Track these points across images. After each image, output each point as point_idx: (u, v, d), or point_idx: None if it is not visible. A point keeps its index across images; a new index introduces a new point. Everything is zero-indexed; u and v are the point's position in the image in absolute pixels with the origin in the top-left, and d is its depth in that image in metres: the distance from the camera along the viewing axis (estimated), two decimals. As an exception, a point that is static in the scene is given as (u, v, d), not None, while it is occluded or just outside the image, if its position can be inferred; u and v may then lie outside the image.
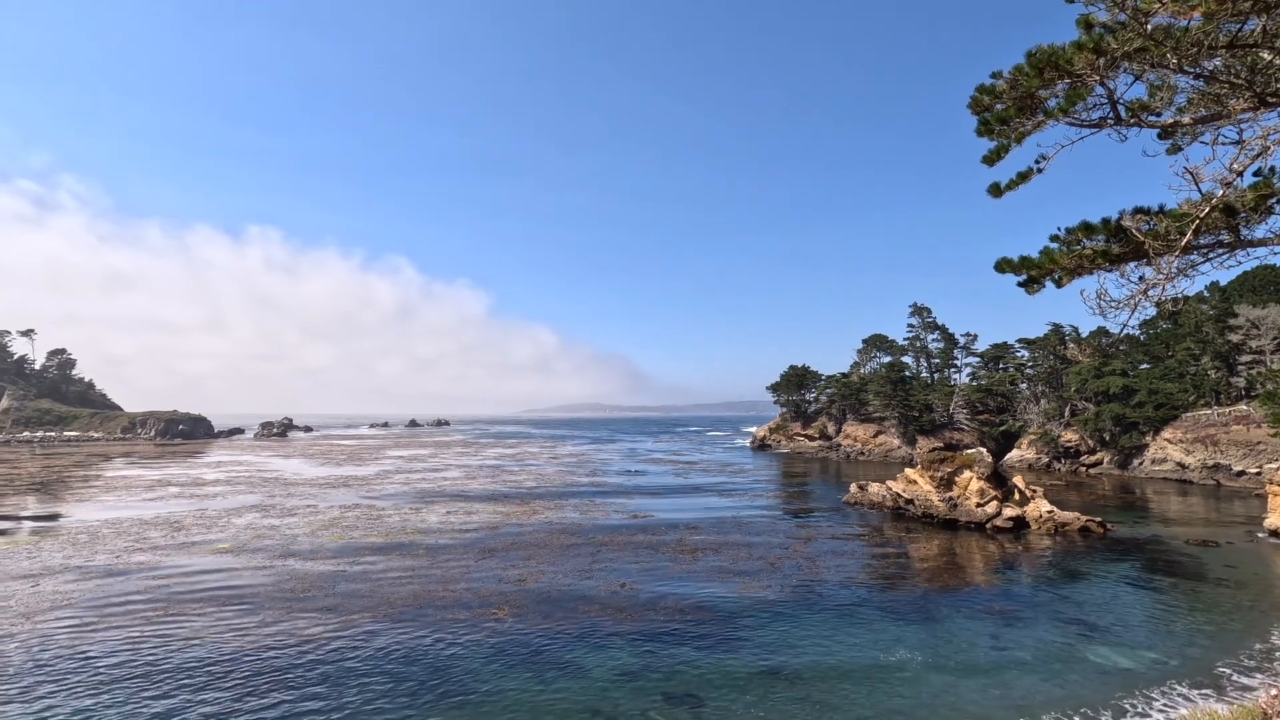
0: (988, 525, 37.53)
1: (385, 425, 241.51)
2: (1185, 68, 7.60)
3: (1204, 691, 16.29)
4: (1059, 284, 9.65)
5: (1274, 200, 8.23)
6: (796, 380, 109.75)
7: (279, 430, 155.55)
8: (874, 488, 46.81)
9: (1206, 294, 74.29)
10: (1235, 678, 17.19)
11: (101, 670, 17.11)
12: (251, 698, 15.60)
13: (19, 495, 49.82)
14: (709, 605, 23.23)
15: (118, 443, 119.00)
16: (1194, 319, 71.37)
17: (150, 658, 17.92)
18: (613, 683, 16.78)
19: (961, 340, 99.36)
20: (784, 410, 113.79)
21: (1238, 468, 59.66)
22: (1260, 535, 35.47)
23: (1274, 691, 6.76)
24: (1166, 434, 67.06)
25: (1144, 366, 77.08)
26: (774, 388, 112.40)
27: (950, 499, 40.25)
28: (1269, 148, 7.49)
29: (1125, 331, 10.64)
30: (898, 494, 43.66)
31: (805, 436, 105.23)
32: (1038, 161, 8.37)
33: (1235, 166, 7.58)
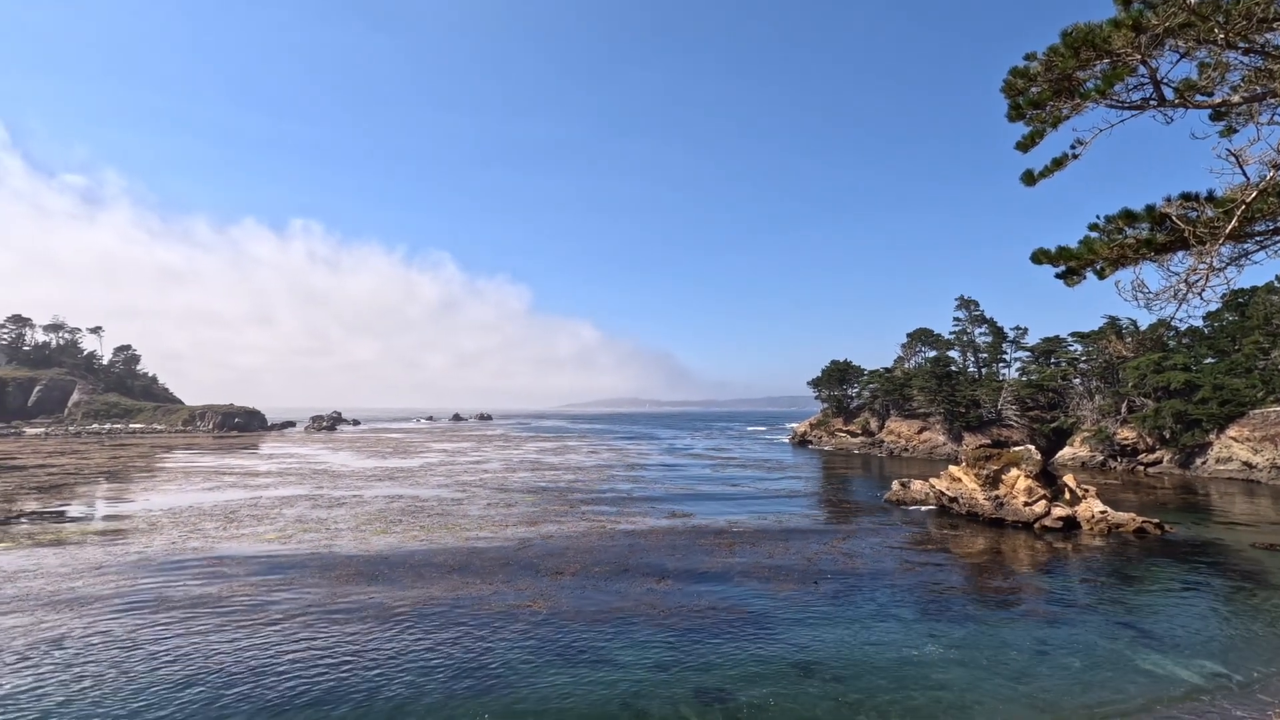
0: (1035, 525, 36.28)
1: (430, 419, 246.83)
2: (1236, 43, 7.14)
3: (1267, 709, 15.44)
4: (1101, 275, 9.21)
5: (1338, 183, 7.66)
6: (838, 375, 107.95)
7: (328, 424, 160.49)
8: (916, 485, 45.75)
9: (1278, 283, 70.17)
10: (1300, 690, 16.27)
11: (161, 656, 17.98)
12: (288, 682, 16.16)
13: (89, 485, 52.63)
14: (743, 601, 23.06)
15: (179, 435, 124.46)
16: (1263, 310, 67.52)
17: (194, 642, 18.76)
18: (645, 677, 16.82)
19: (1011, 334, 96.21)
20: (825, 406, 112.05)
21: (1311, 468, 56.27)
22: (1334, 539, 33.39)
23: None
24: (1232, 432, 63.69)
25: (1208, 361, 73.24)
26: (815, 383, 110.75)
27: (996, 497, 39.05)
28: (1326, 126, 6.98)
29: (1177, 324, 10.12)
30: (941, 491, 42.56)
31: (847, 433, 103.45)
32: (1073, 146, 7.96)
33: (1286, 147, 7.09)
